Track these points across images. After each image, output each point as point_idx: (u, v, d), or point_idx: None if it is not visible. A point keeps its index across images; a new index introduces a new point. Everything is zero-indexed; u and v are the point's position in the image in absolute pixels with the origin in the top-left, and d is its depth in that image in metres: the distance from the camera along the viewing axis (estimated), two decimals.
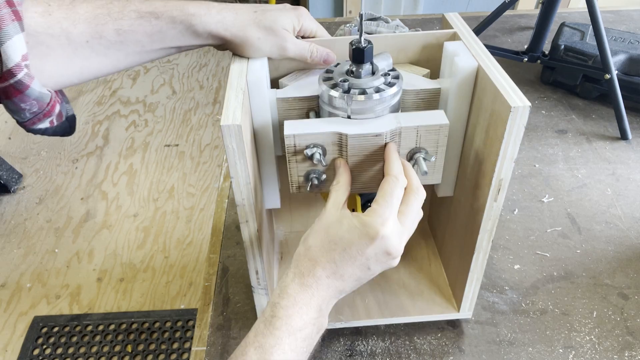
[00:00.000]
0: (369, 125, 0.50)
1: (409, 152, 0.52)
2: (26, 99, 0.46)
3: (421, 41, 0.58)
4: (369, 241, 0.45)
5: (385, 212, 0.45)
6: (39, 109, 0.48)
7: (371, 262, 0.46)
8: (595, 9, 0.89)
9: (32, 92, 0.46)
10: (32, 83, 0.46)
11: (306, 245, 0.47)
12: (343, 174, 0.50)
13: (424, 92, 0.54)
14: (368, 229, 0.45)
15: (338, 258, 0.46)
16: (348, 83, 0.50)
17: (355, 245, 0.45)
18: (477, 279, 0.61)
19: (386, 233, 0.45)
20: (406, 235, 0.47)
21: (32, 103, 0.47)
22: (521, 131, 0.46)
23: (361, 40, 0.49)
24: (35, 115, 0.49)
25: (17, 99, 0.46)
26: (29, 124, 0.50)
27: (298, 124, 0.50)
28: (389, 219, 0.45)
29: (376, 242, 0.45)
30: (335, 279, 0.46)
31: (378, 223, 0.45)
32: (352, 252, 0.45)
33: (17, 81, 0.45)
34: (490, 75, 0.49)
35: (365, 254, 0.45)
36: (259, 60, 0.54)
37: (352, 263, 0.46)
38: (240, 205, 0.51)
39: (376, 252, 0.45)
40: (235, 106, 0.47)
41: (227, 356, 0.66)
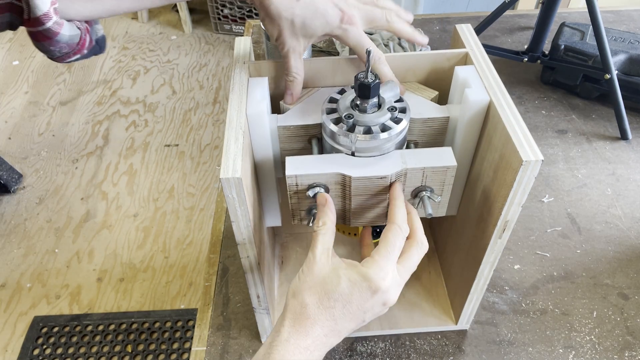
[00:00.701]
0: (374, 167, 0.48)
1: (414, 191, 0.50)
2: (56, 43, 0.46)
3: (430, 61, 0.56)
4: (370, 295, 0.43)
5: (386, 265, 0.44)
6: (70, 49, 0.48)
7: (367, 314, 0.44)
8: (595, 9, 0.89)
9: (62, 37, 0.45)
10: (61, 30, 0.45)
11: (301, 302, 0.44)
12: (328, 213, 0.47)
13: (432, 120, 0.52)
14: (370, 283, 0.43)
15: (338, 315, 0.43)
16: (353, 120, 0.48)
17: (356, 300, 0.43)
18: (477, 299, 0.61)
19: (386, 287, 0.43)
20: (401, 286, 0.46)
21: (63, 46, 0.46)
22: (531, 181, 0.45)
23: (367, 75, 0.46)
24: (66, 54, 0.48)
25: (47, 43, 0.45)
26: (59, 60, 0.49)
27: (300, 163, 0.49)
28: (390, 272, 0.44)
29: (376, 296, 0.43)
30: (333, 335, 0.44)
31: (380, 277, 0.43)
32: (352, 308, 0.43)
33: (46, 29, 0.44)
34: (502, 116, 0.47)
35: (364, 308, 0.44)
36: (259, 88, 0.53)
37: (351, 318, 0.44)
38: (241, 244, 0.51)
39: (374, 304, 0.44)
40: (235, 153, 0.45)
41: (227, 356, 0.66)
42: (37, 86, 2.43)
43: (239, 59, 0.56)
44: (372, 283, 0.43)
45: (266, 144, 0.53)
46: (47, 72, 2.50)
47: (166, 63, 2.54)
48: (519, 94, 1.03)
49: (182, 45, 2.65)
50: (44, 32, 0.44)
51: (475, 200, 0.55)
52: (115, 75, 2.47)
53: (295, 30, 0.51)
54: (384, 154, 0.49)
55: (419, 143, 0.55)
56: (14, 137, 2.19)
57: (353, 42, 0.53)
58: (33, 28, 0.44)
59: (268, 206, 0.59)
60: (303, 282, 0.45)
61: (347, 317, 0.44)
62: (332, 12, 0.51)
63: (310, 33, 0.52)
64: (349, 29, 0.53)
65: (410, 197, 0.51)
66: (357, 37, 0.53)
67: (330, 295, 0.43)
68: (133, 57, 2.58)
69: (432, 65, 0.56)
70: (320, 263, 0.45)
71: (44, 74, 2.49)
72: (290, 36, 0.52)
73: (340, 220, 0.53)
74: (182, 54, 2.59)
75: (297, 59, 0.53)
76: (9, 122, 2.26)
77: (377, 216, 0.52)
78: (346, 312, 0.43)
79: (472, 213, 0.56)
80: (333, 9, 0.51)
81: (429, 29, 1.19)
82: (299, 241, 0.78)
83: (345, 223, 0.54)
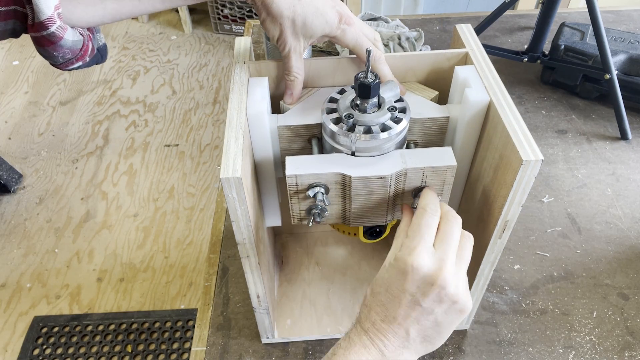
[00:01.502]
0: (374, 167, 0.48)
1: (414, 190, 0.50)
2: (59, 48, 0.46)
3: (431, 61, 0.56)
4: (402, 275, 0.43)
5: (412, 242, 0.44)
6: (72, 55, 0.48)
7: (419, 297, 0.43)
8: (595, 9, 0.89)
9: (66, 42, 0.45)
10: (65, 34, 0.45)
11: (364, 294, 0.47)
12: (405, 219, 0.49)
13: (432, 120, 0.52)
14: (398, 263, 0.44)
15: (385, 300, 0.45)
16: (353, 120, 0.48)
17: (394, 283, 0.44)
18: (477, 299, 0.61)
19: (416, 262, 0.43)
20: (450, 262, 0.44)
21: (66, 52, 0.47)
22: (531, 181, 0.45)
23: (367, 75, 0.46)
24: (69, 60, 0.48)
25: (50, 48, 0.45)
26: (62, 67, 0.49)
27: (300, 163, 0.49)
28: (417, 248, 0.43)
29: (410, 275, 0.43)
30: (390, 322, 0.45)
31: (405, 254, 0.43)
32: (393, 291, 0.44)
33: (50, 34, 0.44)
34: (502, 115, 0.47)
35: (407, 290, 0.43)
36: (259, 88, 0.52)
37: (399, 303, 0.44)
38: (241, 244, 0.51)
39: (417, 285, 0.43)
40: (235, 153, 0.45)
41: (227, 356, 0.66)
42: (37, 86, 2.43)
43: (239, 59, 0.56)
44: (400, 262, 0.43)
45: (266, 143, 0.53)
46: (47, 72, 2.50)
47: (166, 63, 2.54)
48: (519, 94, 1.03)
49: (182, 45, 2.65)
50: (48, 36, 0.44)
51: (475, 200, 0.55)
52: (115, 75, 2.47)
53: (296, 29, 0.51)
54: (384, 154, 0.49)
55: (419, 143, 0.55)
56: (14, 137, 2.19)
57: (352, 43, 0.54)
58: (37, 33, 0.44)
59: (268, 206, 0.59)
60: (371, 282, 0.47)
61: (394, 302, 0.44)
62: (331, 12, 0.52)
63: (311, 33, 0.52)
64: (347, 29, 0.53)
65: (411, 196, 0.51)
66: (355, 37, 0.54)
67: (377, 283, 0.46)
68: (133, 57, 2.58)
69: (432, 65, 0.56)
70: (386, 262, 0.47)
71: (44, 74, 2.49)
72: (291, 35, 0.52)
73: (340, 220, 0.53)
74: (182, 54, 2.59)
75: (298, 59, 0.53)
76: (9, 122, 2.26)
77: (377, 216, 0.52)
78: (390, 296, 0.44)
79: (472, 213, 0.56)
80: (332, 10, 0.52)
81: (429, 29, 1.19)
82: (299, 241, 0.78)
83: (345, 223, 0.54)
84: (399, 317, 0.44)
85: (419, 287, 0.43)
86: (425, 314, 0.44)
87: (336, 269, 0.74)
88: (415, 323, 0.45)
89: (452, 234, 0.45)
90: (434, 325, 0.45)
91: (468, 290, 0.45)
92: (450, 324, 0.46)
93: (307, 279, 0.73)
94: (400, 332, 0.45)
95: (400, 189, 0.50)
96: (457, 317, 0.45)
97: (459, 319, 0.46)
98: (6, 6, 0.43)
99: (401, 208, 0.52)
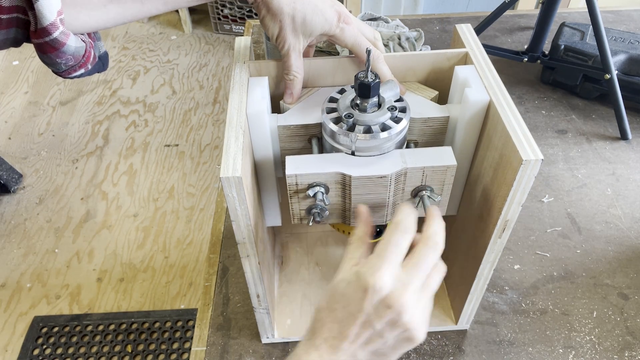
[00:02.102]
0: (374, 167, 0.48)
1: (414, 190, 0.50)
2: (62, 55, 0.45)
3: (430, 61, 0.56)
4: (362, 294, 0.41)
5: (377, 261, 0.42)
6: (75, 62, 0.47)
7: (374, 320, 0.42)
8: (595, 9, 0.89)
9: (68, 48, 0.45)
10: (67, 40, 0.44)
11: (317, 307, 0.45)
12: (361, 226, 0.48)
13: (432, 120, 0.52)
14: (360, 280, 0.41)
15: (341, 317, 0.43)
16: (353, 119, 0.48)
17: (353, 300, 0.42)
18: (477, 299, 0.61)
19: (378, 284, 0.40)
20: (413, 288, 0.42)
21: (68, 58, 0.46)
22: (531, 180, 0.45)
23: (367, 74, 0.46)
24: (71, 67, 0.48)
25: (53, 55, 0.45)
26: (64, 74, 0.49)
27: (300, 162, 0.48)
28: (382, 268, 0.41)
29: (370, 295, 0.41)
30: (341, 340, 0.42)
31: (368, 274, 0.41)
32: (351, 308, 0.42)
33: (53, 39, 0.43)
34: (502, 115, 0.47)
35: (364, 310, 0.41)
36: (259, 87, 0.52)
37: (354, 321, 0.42)
38: (241, 244, 0.51)
39: (374, 306, 0.41)
40: (235, 152, 0.45)
41: (227, 356, 0.66)
42: (37, 86, 2.43)
43: (239, 59, 0.56)
44: (362, 279, 0.41)
45: (266, 143, 0.53)
46: (47, 72, 2.50)
47: (166, 63, 2.54)
48: (519, 94, 1.03)
49: (182, 45, 2.65)
50: (51, 42, 0.44)
51: (475, 199, 0.55)
52: (115, 75, 2.47)
53: (295, 26, 0.51)
54: (384, 154, 0.49)
55: (419, 142, 0.55)
56: (14, 137, 2.19)
57: (351, 41, 0.54)
58: (40, 39, 0.43)
59: (268, 206, 0.59)
60: (326, 289, 0.45)
61: (349, 320, 0.42)
62: (330, 10, 0.52)
63: (310, 30, 0.52)
64: (346, 28, 0.53)
65: (410, 196, 0.51)
66: (354, 36, 0.53)
67: (334, 298, 0.43)
68: (133, 57, 2.58)
69: (432, 65, 0.56)
70: (342, 270, 0.44)
71: (44, 74, 2.49)
72: (290, 33, 0.52)
73: (340, 220, 0.53)
74: (182, 54, 2.59)
75: (297, 58, 0.53)
76: (9, 122, 2.26)
77: (377, 216, 0.52)
78: (347, 313, 0.42)
79: (472, 213, 0.56)
80: (331, 8, 0.52)
81: (429, 29, 1.19)
82: (299, 241, 0.78)
83: (345, 223, 0.54)
84: (350, 335, 0.42)
85: (376, 309, 0.41)
86: (376, 337, 0.42)
87: (336, 269, 0.74)
88: (365, 344, 0.43)
89: (425, 260, 0.43)
90: (383, 348, 0.43)
91: (425, 322, 0.43)
92: (397, 349, 0.44)
93: (307, 279, 0.73)
94: (350, 351, 0.43)
95: (400, 188, 0.50)
96: (406, 345, 0.43)
97: (406, 348, 0.44)
98: (8, 14, 0.43)
99: (355, 213, 0.49)
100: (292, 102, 0.55)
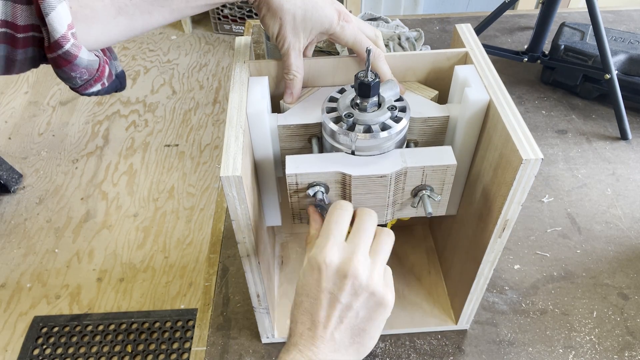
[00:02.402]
0: (374, 166, 0.48)
1: (414, 190, 0.50)
2: (75, 68, 0.46)
3: (430, 60, 0.56)
4: (317, 274, 0.43)
5: (322, 241, 0.44)
6: (89, 75, 0.49)
7: (337, 293, 0.43)
8: (595, 9, 0.89)
9: (81, 61, 0.46)
10: (80, 52, 0.46)
11: (290, 311, 0.46)
12: (313, 224, 0.49)
13: (432, 120, 0.52)
14: (311, 263, 0.43)
15: (308, 306, 0.44)
16: (353, 119, 0.48)
17: (311, 284, 0.43)
18: (477, 299, 0.61)
19: (328, 258, 0.43)
20: (360, 253, 0.43)
21: (82, 71, 0.47)
22: (531, 180, 0.45)
23: (367, 74, 0.46)
24: (87, 82, 0.49)
25: (67, 68, 0.46)
26: (81, 90, 0.50)
27: (300, 162, 0.49)
28: (327, 244, 0.43)
29: (324, 272, 0.43)
30: (316, 328, 0.44)
31: (317, 253, 0.43)
32: (313, 293, 0.44)
33: (65, 52, 0.45)
34: (502, 114, 0.47)
35: (324, 288, 0.43)
36: (259, 87, 0.52)
37: (320, 304, 0.43)
38: (241, 243, 0.51)
39: (332, 281, 0.43)
40: (235, 152, 0.45)
41: (227, 356, 0.66)
42: (37, 86, 2.43)
43: (239, 59, 0.56)
44: (312, 260, 0.43)
45: (266, 143, 0.53)
46: (47, 72, 2.50)
47: (166, 63, 2.54)
48: (519, 94, 1.03)
49: (182, 45, 2.65)
50: (64, 55, 0.45)
51: (475, 199, 0.55)
52: None
53: (296, 24, 0.52)
54: (384, 153, 0.49)
55: (419, 142, 0.55)
56: (14, 137, 2.19)
57: (351, 40, 0.54)
58: (54, 53, 0.45)
59: (268, 206, 0.59)
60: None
61: (317, 305, 0.44)
62: (330, 8, 0.52)
63: (310, 28, 0.52)
64: (346, 26, 0.53)
65: (410, 196, 0.51)
66: (354, 34, 0.54)
67: (297, 293, 0.45)
68: (133, 57, 2.58)
69: (432, 64, 0.56)
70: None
71: (44, 74, 2.49)
72: (290, 31, 0.52)
73: None
74: (182, 54, 2.59)
75: (297, 57, 0.53)
76: (9, 122, 2.26)
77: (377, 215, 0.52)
78: (311, 299, 0.44)
79: (472, 212, 0.56)
80: (330, 7, 0.52)
81: (429, 29, 1.19)
82: (299, 241, 0.78)
83: None
84: (322, 319, 0.43)
85: (335, 283, 0.43)
86: (346, 310, 0.43)
87: None
88: (339, 323, 0.44)
89: (364, 227, 0.45)
90: (358, 322, 0.44)
91: (387, 284, 0.45)
92: (373, 320, 0.44)
93: None
94: (327, 336, 0.44)
95: (400, 188, 0.50)
96: (379, 311, 0.44)
97: (382, 314, 0.44)
98: (24, 33, 0.44)
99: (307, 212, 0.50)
100: (292, 102, 0.55)
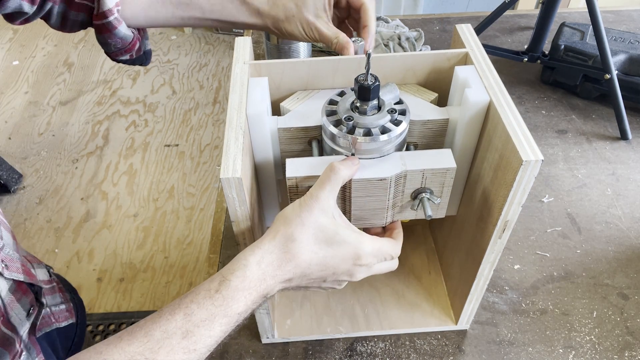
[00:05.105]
0: (374, 169, 0.48)
1: (414, 192, 0.50)
2: (113, 36, 0.61)
3: (430, 61, 0.56)
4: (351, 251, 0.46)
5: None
6: (123, 45, 0.63)
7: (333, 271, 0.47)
8: (595, 9, 0.89)
9: (119, 32, 0.60)
10: (119, 26, 0.60)
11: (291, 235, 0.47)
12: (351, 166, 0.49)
13: (432, 122, 0.52)
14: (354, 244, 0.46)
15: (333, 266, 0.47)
16: (352, 122, 0.48)
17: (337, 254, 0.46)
18: (477, 299, 0.61)
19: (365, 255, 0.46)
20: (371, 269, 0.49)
21: (118, 41, 0.61)
22: (531, 181, 0.45)
23: (367, 77, 0.46)
24: (119, 50, 0.63)
25: (107, 35, 0.60)
26: (113, 55, 0.64)
27: (300, 165, 0.49)
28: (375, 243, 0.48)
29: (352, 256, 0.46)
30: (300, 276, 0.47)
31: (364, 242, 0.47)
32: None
33: (108, 22, 0.59)
34: (502, 115, 0.47)
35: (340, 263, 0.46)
36: (259, 88, 0.52)
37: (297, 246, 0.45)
38: (241, 244, 0.51)
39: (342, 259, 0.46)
40: (235, 153, 0.45)
41: (227, 356, 0.66)
42: (37, 86, 2.43)
43: (239, 59, 0.56)
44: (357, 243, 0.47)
45: (266, 145, 0.53)
46: (47, 72, 2.50)
47: (166, 63, 2.54)
48: (519, 94, 1.03)
49: (182, 45, 2.65)
50: (107, 24, 0.59)
51: (475, 200, 0.55)
52: (115, 75, 2.47)
53: (302, 10, 0.59)
54: (383, 156, 0.49)
55: (419, 144, 0.55)
56: (14, 137, 2.19)
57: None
58: (99, 21, 0.59)
59: (268, 207, 0.59)
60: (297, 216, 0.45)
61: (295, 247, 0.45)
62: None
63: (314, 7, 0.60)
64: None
65: (410, 198, 0.51)
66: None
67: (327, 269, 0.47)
68: None
69: (432, 65, 0.56)
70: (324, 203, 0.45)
71: (44, 74, 2.49)
72: (304, 18, 0.60)
73: None
74: (182, 54, 2.59)
75: (328, 27, 0.60)
76: (9, 122, 2.26)
77: (377, 218, 0.52)
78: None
79: (472, 213, 0.56)
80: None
81: (429, 29, 1.19)
82: None
83: None
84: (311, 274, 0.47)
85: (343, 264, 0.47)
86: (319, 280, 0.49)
87: None
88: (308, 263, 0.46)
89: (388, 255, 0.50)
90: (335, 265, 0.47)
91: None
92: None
93: None
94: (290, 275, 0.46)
95: (400, 191, 0.50)
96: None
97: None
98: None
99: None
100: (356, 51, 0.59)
